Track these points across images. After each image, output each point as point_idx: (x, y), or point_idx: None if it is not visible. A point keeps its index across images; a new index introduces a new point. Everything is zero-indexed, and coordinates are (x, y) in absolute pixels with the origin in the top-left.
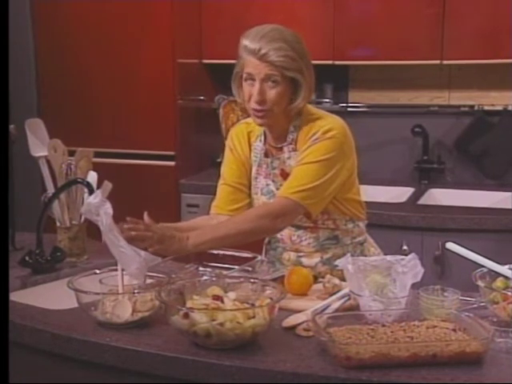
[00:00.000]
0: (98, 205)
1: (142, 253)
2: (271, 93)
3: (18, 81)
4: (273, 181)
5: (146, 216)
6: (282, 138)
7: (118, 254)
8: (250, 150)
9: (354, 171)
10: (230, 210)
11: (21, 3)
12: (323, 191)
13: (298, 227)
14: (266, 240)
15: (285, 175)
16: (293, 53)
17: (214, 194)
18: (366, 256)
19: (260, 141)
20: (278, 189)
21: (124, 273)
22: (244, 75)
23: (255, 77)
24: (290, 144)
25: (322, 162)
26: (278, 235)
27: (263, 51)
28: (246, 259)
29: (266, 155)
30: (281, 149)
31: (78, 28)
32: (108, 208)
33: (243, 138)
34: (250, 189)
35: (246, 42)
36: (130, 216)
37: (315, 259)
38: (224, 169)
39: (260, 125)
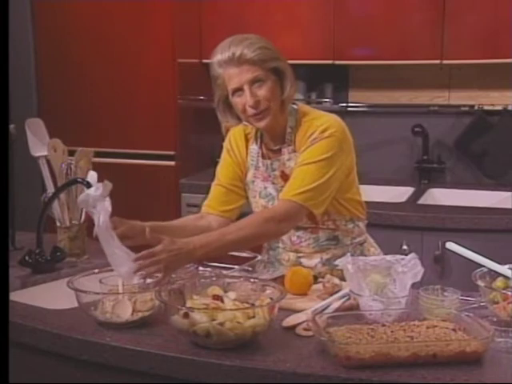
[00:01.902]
0: (97, 198)
1: (133, 256)
2: (262, 92)
3: (18, 81)
4: (273, 183)
5: (147, 231)
6: (279, 140)
7: (109, 253)
8: (247, 153)
9: (353, 169)
10: (221, 211)
11: (21, 3)
12: (325, 190)
13: (298, 228)
14: None
15: (285, 177)
16: (263, 43)
17: None
18: (365, 256)
19: (256, 144)
20: (278, 191)
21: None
22: (230, 92)
23: (242, 85)
24: (289, 145)
25: (323, 162)
26: None
27: (238, 53)
28: (246, 259)
29: (263, 158)
30: (279, 150)
31: (78, 28)
32: (107, 205)
33: (241, 140)
34: (244, 191)
35: (217, 57)
36: (129, 215)
37: (315, 260)
38: (219, 169)
39: (263, 128)
